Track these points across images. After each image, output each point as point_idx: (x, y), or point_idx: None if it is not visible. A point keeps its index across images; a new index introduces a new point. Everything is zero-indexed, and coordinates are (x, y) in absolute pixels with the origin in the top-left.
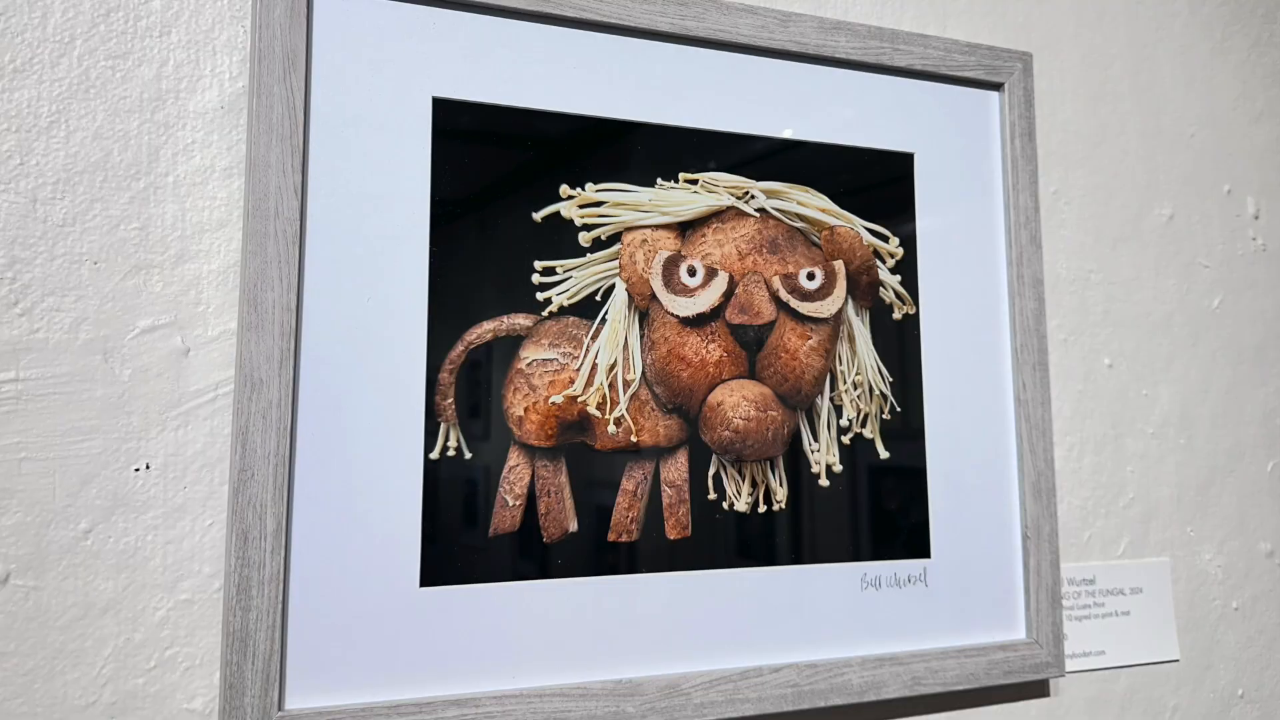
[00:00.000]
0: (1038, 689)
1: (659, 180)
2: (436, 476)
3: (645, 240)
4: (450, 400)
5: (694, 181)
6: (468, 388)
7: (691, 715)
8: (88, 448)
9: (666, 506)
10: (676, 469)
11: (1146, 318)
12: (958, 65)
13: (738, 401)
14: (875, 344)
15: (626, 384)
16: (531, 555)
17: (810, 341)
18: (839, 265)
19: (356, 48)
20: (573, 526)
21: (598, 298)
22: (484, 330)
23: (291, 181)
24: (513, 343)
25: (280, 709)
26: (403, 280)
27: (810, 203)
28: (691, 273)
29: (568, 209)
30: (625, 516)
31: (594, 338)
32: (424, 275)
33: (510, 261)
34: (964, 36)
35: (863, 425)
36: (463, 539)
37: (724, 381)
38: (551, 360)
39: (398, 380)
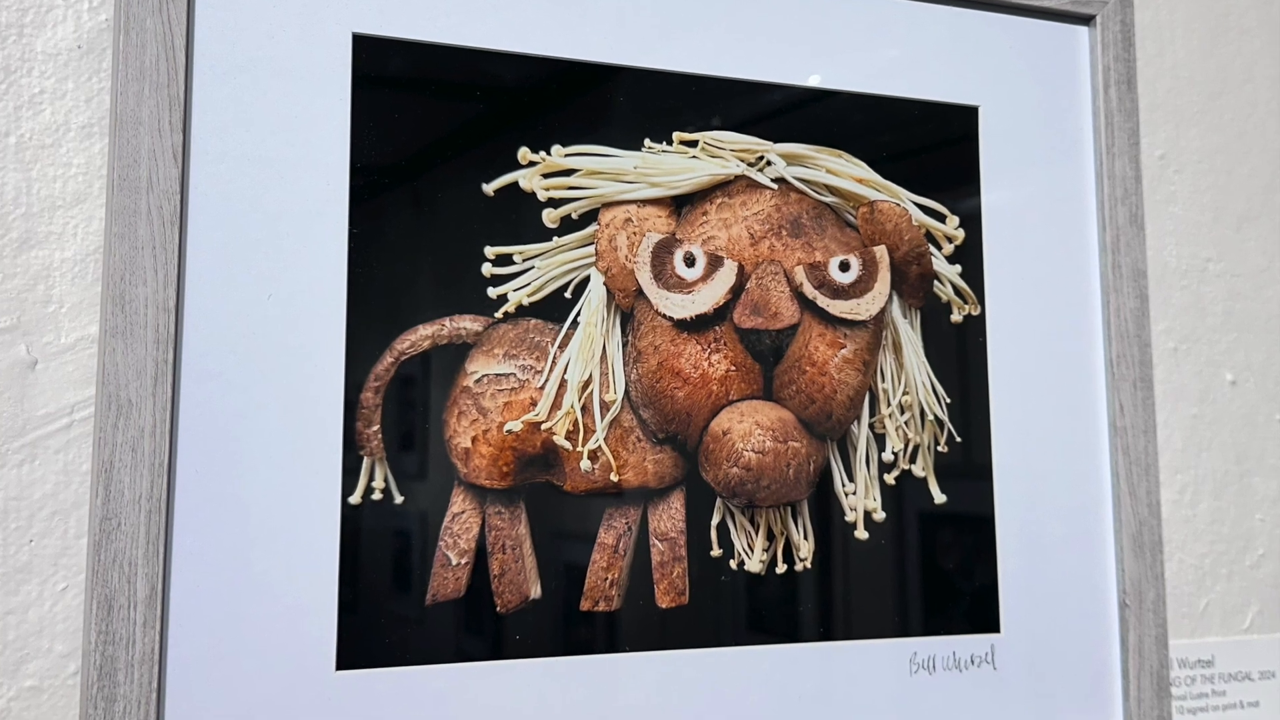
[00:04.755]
0: None
1: (647, 142)
2: (358, 526)
3: (629, 219)
4: (376, 428)
5: (692, 144)
6: (399, 411)
7: None
8: None
9: (656, 565)
10: (669, 517)
11: None
12: None
13: (749, 429)
14: (928, 354)
15: (605, 407)
16: (481, 629)
17: (843, 351)
18: (881, 252)
19: None
20: (534, 592)
21: (567, 294)
22: (420, 337)
23: (169, 143)
24: (457, 353)
25: None
26: (314, 272)
27: (843, 171)
28: (689, 261)
29: (528, 179)
30: (603, 579)
31: (562, 347)
32: (342, 266)
33: (454, 247)
34: None
35: (912, 460)
36: (392, 608)
37: (732, 403)
38: (508, 376)
39: (308, 402)
